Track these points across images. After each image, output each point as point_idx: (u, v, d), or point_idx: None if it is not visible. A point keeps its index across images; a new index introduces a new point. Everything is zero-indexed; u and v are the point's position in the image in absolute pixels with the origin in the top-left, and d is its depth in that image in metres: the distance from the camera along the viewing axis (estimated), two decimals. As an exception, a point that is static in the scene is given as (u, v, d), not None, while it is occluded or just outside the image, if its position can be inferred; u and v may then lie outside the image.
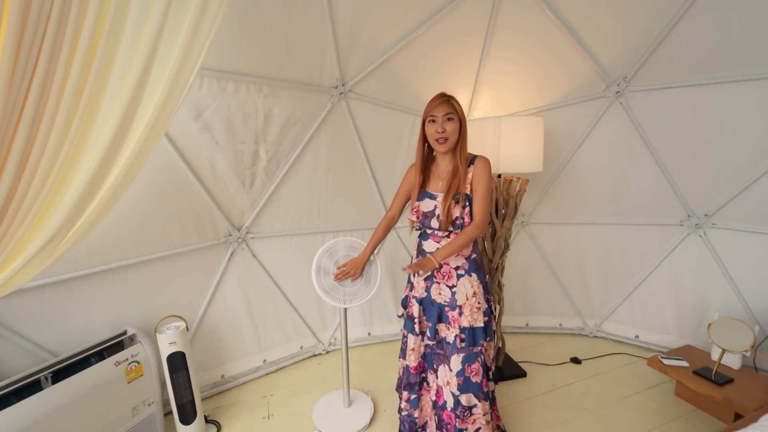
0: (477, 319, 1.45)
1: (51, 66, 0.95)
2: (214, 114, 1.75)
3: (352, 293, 1.73)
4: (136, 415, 1.58)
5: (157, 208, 1.77)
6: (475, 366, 1.45)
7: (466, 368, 1.44)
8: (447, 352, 1.49)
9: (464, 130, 1.44)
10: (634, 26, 1.97)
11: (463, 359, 1.44)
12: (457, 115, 1.41)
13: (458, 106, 1.42)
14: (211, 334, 2.12)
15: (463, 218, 1.43)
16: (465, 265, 1.47)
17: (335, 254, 1.76)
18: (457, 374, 1.45)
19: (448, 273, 1.48)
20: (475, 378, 1.44)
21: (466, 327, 1.44)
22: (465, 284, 1.46)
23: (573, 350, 2.53)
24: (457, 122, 1.41)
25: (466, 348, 1.44)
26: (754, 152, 1.99)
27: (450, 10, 1.97)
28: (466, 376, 1.44)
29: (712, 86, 1.97)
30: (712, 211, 2.22)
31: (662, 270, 2.45)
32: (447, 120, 1.40)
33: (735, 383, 1.84)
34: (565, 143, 2.40)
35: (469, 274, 1.47)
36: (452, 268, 1.48)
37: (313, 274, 1.71)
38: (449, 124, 1.40)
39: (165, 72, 1.15)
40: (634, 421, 1.87)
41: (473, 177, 1.44)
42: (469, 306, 1.45)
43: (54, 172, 1.08)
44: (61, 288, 1.54)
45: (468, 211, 1.42)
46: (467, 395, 1.44)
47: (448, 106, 1.40)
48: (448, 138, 1.40)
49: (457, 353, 1.45)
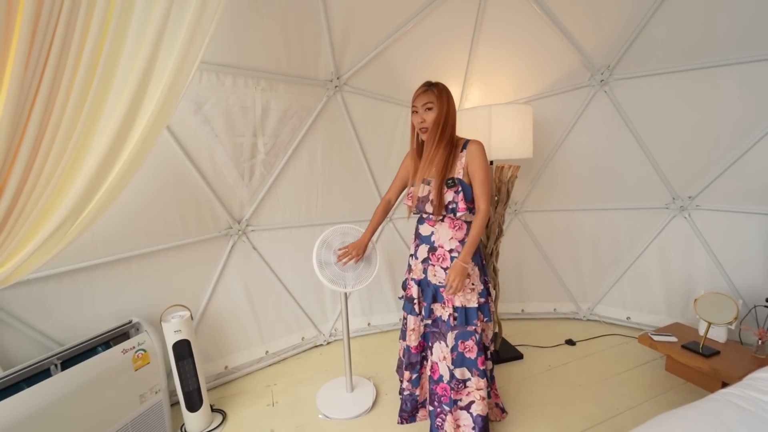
0: (470, 300, 1.50)
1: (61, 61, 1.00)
2: (214, 107, 1.80)
3: (352, 278, 1.79)
4: (143, 402, 1.61)
5: (160, 201, 1.81)
6: (469, 343, 1.50)
7: (459, 344, 1.50)
8: (443, 329, 1.55)
9: (449, 115, 1.45)
10: (615, 16, 2.06)
11: (456, 336, 1.51)
12: (437, 103, 1.43)
13: (439, 93, 1.43)
14: (213, 325, 2.15)
15: (456, 203, 1.46)
16: (459, 247, 1.51)
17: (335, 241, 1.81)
18: (452, 350, 1.51)
19: (442, 255, 1.53)
20: (469, 354, 1.50)
21: (459, 307, 1.50)
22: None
23: (567, 333, 2.60)
24: (437, 111, 1.43)
25: (459, 326, 1.50)
26: (732, 135, 2.09)
27: (439, 3, 2.04)
28: (459, 351, 1.50)
29: (690, 72, 2.07)
30: (695, 193, 2.32)
31: (650, 252, 2.54)
32: (426, 110, 1.44)
33: (721, 355, 1.92)
34: (553, 132, 2.48)
35: None
36: (446, 251, 1.53)
37: (314, 258, 1.76)
38: (429, 114, 1.44)
39: (168, 66, 1.20)
40: (627, 395, 1.94)
41: (468, 162, 1.47)
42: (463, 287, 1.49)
43: (63, 162, 1.13)
44: (67, 279, 1.57)
45: (461, 196, 1.46)
46: (461, 369, 1.51)
47: (427, 96, 1.44)
48: (429, 128, 1.45)
49: (451, 330, 1.51)
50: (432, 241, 1.56)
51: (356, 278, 1.78)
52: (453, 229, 1.52)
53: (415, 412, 1.78)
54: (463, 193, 1.46)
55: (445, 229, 1.53)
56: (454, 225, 1.52)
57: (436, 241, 1.55)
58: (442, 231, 1.53)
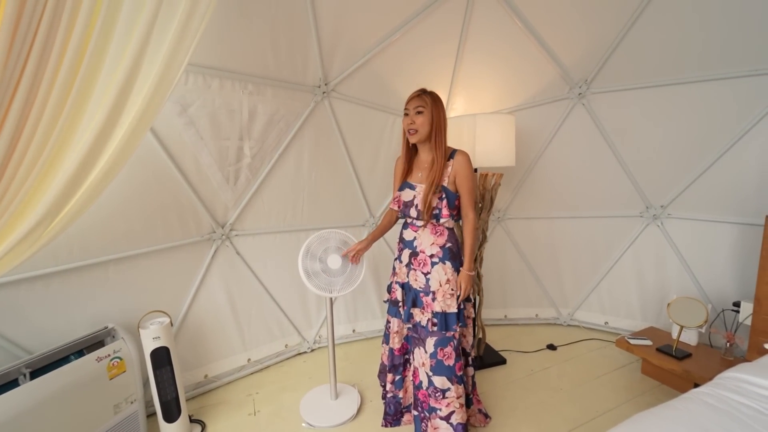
0: (450, 305, 1.51)
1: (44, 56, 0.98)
2: (200, 109, 1.78)
3: (338, 283, 1.78)
4: (118, 412, 1.54)
5: (140, 203, 1.76)
6: (448, 350, 1.50)
7: (438, 351, 1.50)
8: (422, 335, 1.56)
9: (439, 123, 1.50)
10: (592, 34, 2.17)
11: (435, 342, 1.51)
12: (428, 108, 1.48)
13: (431, 100, 1.49)
14: (194, 333, 2.09)
15: (440, 209, 1.49)
16: (439, 253, 1.54)
17: (321, 245, 1.80)
18: (431, 356, 1.51)
19: (423, 261, 1.56)
20: (448, 361, 1.50)
21: (438, 312, 1.51)
22: (439, 271, 1.53)
23: (549, 338, 2.66)
24: (427, 115, 1.48)
25: (438, 332, 1.51)
26: (700, 148, 2.21)
27: (425, 15, 2.10)
28: (438, 359, 1.50)
29: (662, 87, 2.19)
30: (667, 202, 2.43)
31: (626, 259, 2.64)
32: (417, 113, 1.49)
33: (693, 357, 2.01)
34: (535, 142, 2.56)
35: (443, 262, 1.53)
36: (427, 256, 1.55)
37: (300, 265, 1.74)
38: (418, 117, 1.49)
39: (154, 66, 1.19)
40: (605, 397, 2.00)
41: (455, 172, 1.51)
42: (442, 292, 1.51)
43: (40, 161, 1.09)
44: (39, 283, 1.50)
45: (445, 203, 1.49)
46: (441, 378, 1.50)
47: (419, 99, 1.50)
48: (417, 130, 1.49)
49: (430, 336, 1.52)
50: (414, 246, 1.59)
51: (339, 285, 1.77)
52: (434, 235, 1.55)
53: (399, 415, 1.77)
54: (447, 200, 1.49)
55: (428, 234, 1.55)
56: (435, 231, 1.55)
57: (418, 246, 1.57)
58: (425, 236, 1.56)
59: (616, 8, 2.04)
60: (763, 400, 1.11)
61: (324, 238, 1.80)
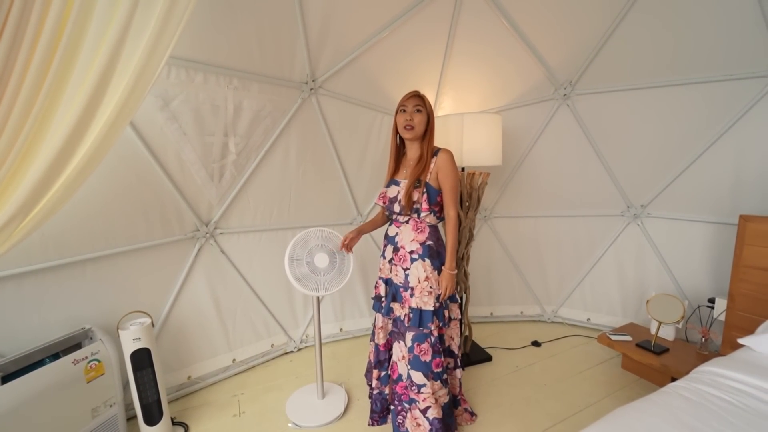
0: (426, 303, 1.52)
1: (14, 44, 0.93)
2: (182, 104, 1.73)
3: (325, 282, 1.76)
4: (96, 416, 1.49)
5: (120, 200, 1.70)
6: (425, 346, 1.52)
7: (415, 347, 1.53)
8: (401, 329, 1.59)
9: (431, 124, 1.56)
10: (577, 36, 2.20)
11: (413, 338, 1.53)
12: (425, 108, 1.54)
13: (428, 102, 1.56)
14: (176, 333, 2.04)
15: (421, 203, 1.52)
16: (419, 250, 1.55)
17: (308, 244, 1.78)
18: (409, 350, 1.54)
19: (403, 256, 1.58)
20: (424, 357, 1.52)
21: (414, 308, 1.53)
22: (418, 268, 1.54)
23: (533, 335, 2.70)
24: (424, 115, 1.54)
25: (414, 327, 1.53)
26: (678, 150, 2.28)
27: (414, 14, 2.10)
28: (415, 354, 1.52)
29: (643, 90, 2.25)
30: (646, 202, 2.51)
31: (608, 257, 2.71)
32: (416, 111, 1.53)
33: (670, 352, 2.08)
34: (521, 141, 2.60)
35: (423, 259, 1.55)
36: (407, 252, 1.57)
37: (286, 263, 1.72)
38: (417, 115, 1.53)
39: (134, 57, 1.14)
40: (587, 392, 2.04)
41: (438, 169, 1.54)
42: (420, 288, 1.53)
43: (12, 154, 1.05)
44: (10, 283, 1.44)
45: (426, 197, 1.52)
46: (417, 373, 1.52)
47: (418, 99, 1.55)
48: (414, 127, 1.52)
49: (408, 331, 1.55)
50: (396, 242, 1.61)
51: (326, 284, 1.76)
52: (415, 231, 1.57)
53: (385, 413, 1.78)
54: (428, 194, 1.52)
55: (409, 230, 1.58)
56: (417, 227, 1.57)
57: (399, 242, 1.60)
58: (406, 232, 1.58)
59: (601, 13, 2.08)
60: (736, 393, 1.16)
61: (304, 240, 1.78)
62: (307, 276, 1.74)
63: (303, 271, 1.74)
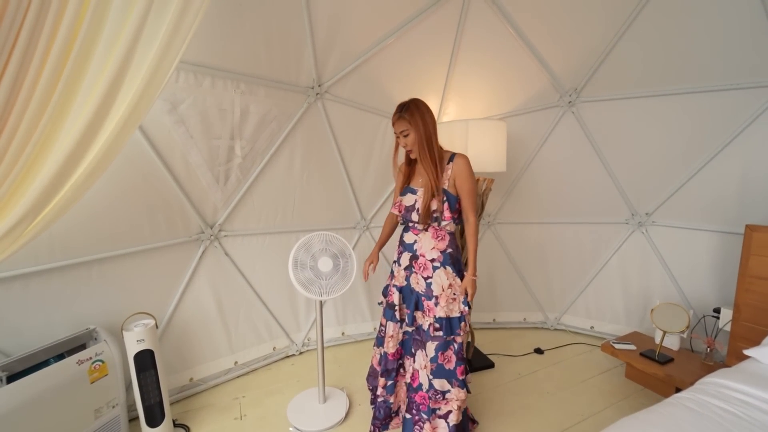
0: (453, 309, 1.52)
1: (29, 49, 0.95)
2: (190, 108, 1.75)
3: (328, 286, 1.77)
4: (99, 417, 1.50)
5: (126, 202, 1.72)
6: (448, 353, 1.51)
7: (439, 355, 1.51)
8: (423, 338, 1.56)
9: (427, 136, 1.48)
10: (583, 44, 2.21)
11: (437, 347, 1.51)
12: (411, 127, 1.47)
13: (410, 117, 1.46)
14: (179, 335, 2.05)
15: (441, 212, 1.50)
16: (440, 258, 1.54)
17: (312, 248, 1.79)
18: (431, 360, 1.52)
19: (424, 264, 1.56)
20: (448, 365, 1.51)
21: (443, 317, 1.50)
22: (440, 276, 1.53)
23: (536, 342, 2.69)
24: (414, 134, 1.48)
25: (440, 336, 1.51)
26: (684, 158, 2.27)
27: (420, 21, 2.11)
28: (439, 363, 1.51)
29: (648, 98, 2.24)
30: (651, 209, 2.49)
31: (612, 265, 2.69)
32: (404, 136, 1.51)
33: (675, 362, 2.06)
34: (525, 148, 2.60)
35: (444, 266, 1.54)
36: (428, 260, 1.55)
37: (290, 266, 1.73)
38: (407, 139, 1.51)
39: (145, 62, 1.16)
40: (590, 401, 2.03)
41: (455, 174, 1.52)
42: (445, 297, 1.51)
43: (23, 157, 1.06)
44: (17, 283, 1.45)
45: (447, 205, 1.50)
46: (440, 380, 1.51)
47: (401, 123, 1.49)
48: (412, 149, 1.52)
49: (431, 341, 1.52)
50: (414, 250, 1.59)
51: (329, 288, 1.76)
52: (435, 239, 1.55)
53: (388, 420, 1.76)
54: (448, 202, 1.51)
55: (428, 238, 1.55)
56: (437, 235, 1.55)
57: (418, 250, 1.58)
58: (425, 240, 1.56)
59: (606, 21, 2.08)
60: (742, 405, 1.14)
61: (308, 243, 1.79)
62: (311, 280, 1.75)
63: (306, 274, 1.74)
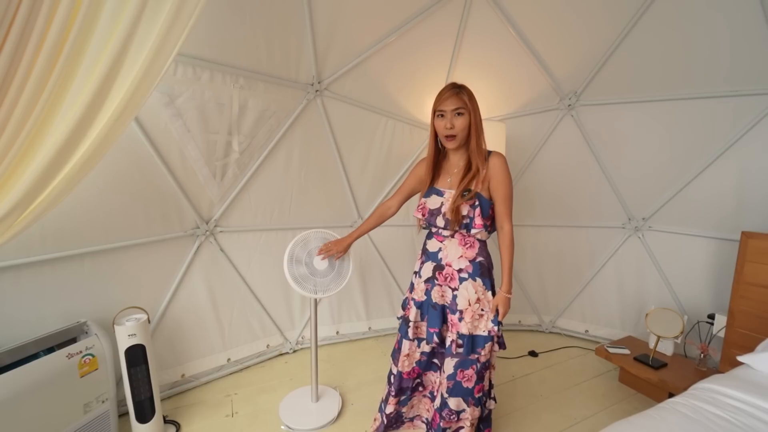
0: (478, 327, 1.38)
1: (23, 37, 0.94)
2: (188, 101, 1.73)
3: (323, 284, 1.76)
4: (88, 412, 1.48)
5: (121, 195, 1.70)
6: (469, 372, 1.40)
7: (458, 373, 1.40)
8: (445, 353, 1.44)
9: (478, 125, 1.32)
10: (583, 48, 2.21)
11: (456, 364, 1.40)
12: (467, 108, 1.29)
13: (469, 99, 1.30)
14: (172, 331, 2.03)
15: (472, 218, 1.32)
16: (469, 268, 1.38)
17: (308, 245, 1.78)
18: (448, 377, 1.41)
19: (450, 275, 1.40)
20: (467, 384, 1.40)
21: (465, 334, 1.37)
22: (468, 288, 1.38)
23: (531, 344, 2.69)
24: (467, 117, 1.29)
25: (462, 354, 1.39)
26: (681, 164, 2.28)
27: (422, 19, 2.10)
28: (457, 380, 1.40)
29: (647, 103, 2.25)
30: (648, 215, 2.50)
31: (608, 269, 2.70)
32: (457, 115, 1.29)
33: (669, 367, 2.06)
34: (524, 150, 2.60)
35: (473, 278, 1.38)
36: (455, 270, 1.39)
37: (285, 263, 1.71)
38: (459, 120, 1.29)
39: (142, 53, 1.14)
40: (583, 405, 2.03)
41: (491, 176, 1.33)
42: (471, 312, 1.37)
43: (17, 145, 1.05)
44: (8, 275, 1.43)
45: (479, 211, 1.32)
46: (456, 399, 1.41)
47: (458, 99, 1.28)
48: (457, 135, 1.31)
49: (451, 357, 1.40)
50: (439, 259, 1.43)
51: (324, 286, 1.75)
52: (464, 246, 1.38)
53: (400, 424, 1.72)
54: (481, 207, 1.32)
55: (455, 246, 1.39)
56: (465, 242, 1.38)
57: (443, 259, 1.42)
58: (452, 248, 1.40)
59: (607, 25, 2.08)
60: (734, 411, 1.14)
61: (304, 241, 1.77)
62: (306, 277, 1.73)
63: (302, 272, 1.73)
